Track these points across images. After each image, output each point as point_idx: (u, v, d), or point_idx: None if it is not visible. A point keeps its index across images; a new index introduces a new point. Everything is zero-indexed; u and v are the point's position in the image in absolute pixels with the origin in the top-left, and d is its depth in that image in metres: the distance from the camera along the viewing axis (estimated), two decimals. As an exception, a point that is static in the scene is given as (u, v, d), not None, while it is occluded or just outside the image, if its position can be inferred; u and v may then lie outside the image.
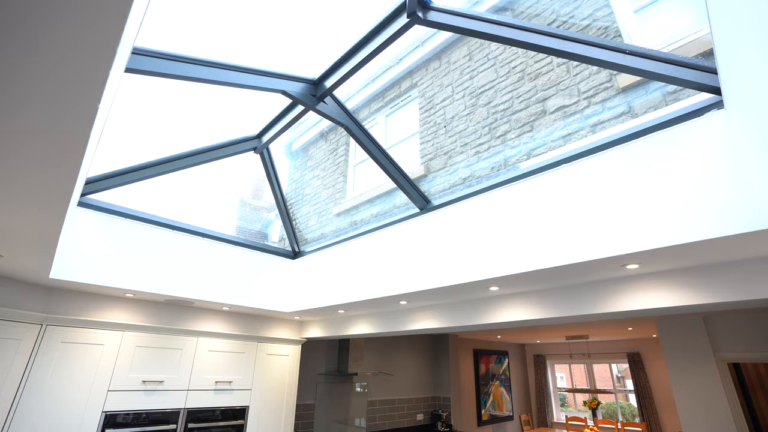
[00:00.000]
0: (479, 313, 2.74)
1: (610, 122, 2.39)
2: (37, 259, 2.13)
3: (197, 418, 3.37)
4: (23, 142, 1.01)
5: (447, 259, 2.39)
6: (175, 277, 3.10)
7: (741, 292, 1.73)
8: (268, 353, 3.97)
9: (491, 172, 2.76)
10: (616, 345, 7.89)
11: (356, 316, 3.80)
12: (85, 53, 0.73)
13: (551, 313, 2.35)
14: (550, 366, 9.01)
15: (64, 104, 0.87)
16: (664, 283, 1.96)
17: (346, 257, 3.24)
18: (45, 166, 1.09)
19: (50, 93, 0.84)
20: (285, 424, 3.92)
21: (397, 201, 3.37)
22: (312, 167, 4.73)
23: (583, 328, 5.98)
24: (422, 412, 6.11)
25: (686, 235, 1.52)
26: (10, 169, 1.14)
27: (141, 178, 2.87)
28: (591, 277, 2.12)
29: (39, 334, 2.78)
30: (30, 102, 0.86)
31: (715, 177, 1.50)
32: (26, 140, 1.01)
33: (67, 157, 1.04)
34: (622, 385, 8.93)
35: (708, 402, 4.02)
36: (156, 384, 3.22)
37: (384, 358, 5.80)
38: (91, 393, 2.91)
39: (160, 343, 3.33)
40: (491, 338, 7.80)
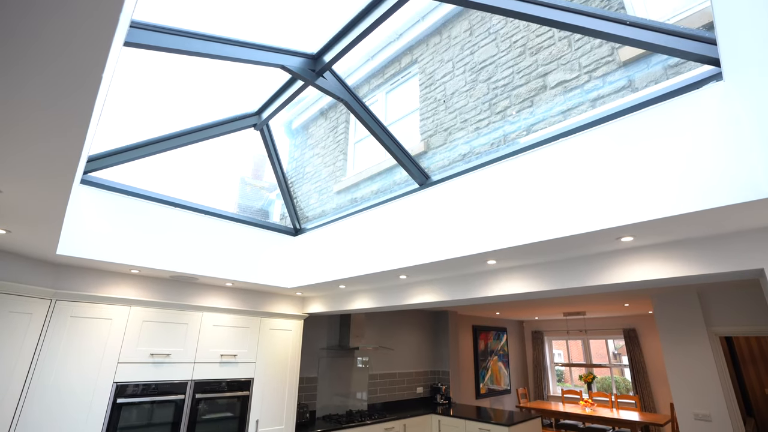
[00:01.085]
0: (477, 286, 2.80)
1: (610, 97, 2.38)
2: (44, 234, 2.18)
3: (204, 389, 3.49)
4: (30, 113, 1.03)
5: (446, 233, 2.44)
6: (178, 253, 3.15)
7: (733, 263, 1.77)
8: (271, 328, 4.08)
9: (491, 148, 2.77)
10: (613, 321, 8.04)
11: (357, 291, 3.88)
12: (88, 22, 0.74)
13: (547, 285, 2.41)
14: (547, 342, 9.21)
15: (69, 75, 0.89)
16: (658, 256, 2.01)
17: (346, 233, 3.28)
18: (50, 136, 1.12)
19: (55, 63, 0.85)
20: (289, 395, 4.06)
21: (397, 178, 3.39)
22: (312, 145, 4.72)
23: (580, 304, 6.08)
24: (422, 385, 6.30)
25: (680, 206, 1.55)
26: (18, 141, 1.16)
27: (142, 155, 2.89)
28: (586, 250, 2.17)
29: (49, 309, 2.86)
30: (36, 72, 0.88)
31: (711, 149, 1.52)
32: (32, 111, 1.03)
33: (73, 127, 1.06)
34: (618, 361, 9.15)
35: (699, 374, 4.14)
36: (163, 357, 3.32)
37: (384, 333, 5.94)
38: (101, 365, 3.01)
39: (166, 318, 3.41)
40: (490, 315, 7.94)
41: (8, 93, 0.95)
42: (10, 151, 1.23)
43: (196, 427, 3.37)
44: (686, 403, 4.16)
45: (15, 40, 0.78)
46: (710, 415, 4.00)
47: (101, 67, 0.82)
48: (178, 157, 3.23)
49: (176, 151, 3.01)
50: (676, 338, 4.37)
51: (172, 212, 3.21)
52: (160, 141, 2.78)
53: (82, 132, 1.10)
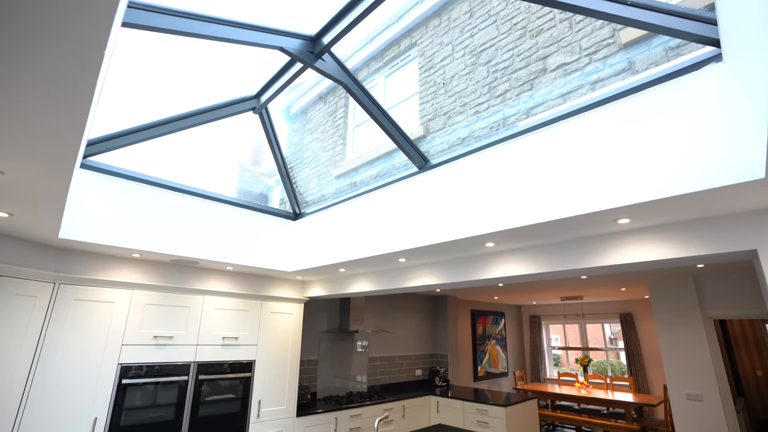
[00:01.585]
0: (476, 269, 2.84)
1: (610, 80, 2.38)
2: (46, 217, 2.19)
3: (207, 371, 3.56)
4: (31, 93, 1.03)
5: (445, 216, 2.46)
6: (179, 237, 3.18)
7: (727, 244, 1.80)
8: (272, 311, 4.13)
9: (490, 132, 2.77)
10: (610, 306, 8.14)
11: (356, 275, 3.93)
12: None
13: (545, 267, 2.44)
14: (545, 326, 9.34)
15: (70, 55, 0.89)
16: (654, 238, 2.03)
17: (346, 217, 3.31)
18: (52, 117, 1.12)
19: (58, 41, 0.86)
20: (290, 377, 4.14)
21: (396, 162, 3.40)
22: (311, 130, 4.71)
23: (577, 289, 6.15)
24: (421, 368, 6.41)
25: (676, 188, 1.57)
26: (19, 121, 1.17)
27: (141, 139, 2.88)
28: (584, 232, 2.19)
29: (53, 292, 2.90)
30: (38, 53, 0.88)
31: (708, 130, 1.53)
32: (34, 91, 1.03)
33: (75, 106, 1.07)
34: (614, 346, 9.29)
35: (692, 356, 4.22)
36: (166, 339, 3.38)
37: (384, 317, 6.02)
38: (106, 346, 3.07)
39: (168, 302, 3.46)
40: (488, 299, 8.03)
41: (10, 74, 0.95)
42: (11, 132, 1.24)
43: (200, 408, 3.45)
44: (679, 383, 4.26)
45: (17, 21, 0.79)
46: (702, 395, 4.09)
47: (103, 45, 0.82)
48: (178, 143, 3.23)
49: (175, 137, 3.01)
50: (670, 321, 4.44)
51: (173, 197, 3.22)
52: (159, 125, 2.77)
53: (84, 112, 1.10)
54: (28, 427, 2.64)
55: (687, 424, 4.14)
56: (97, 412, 2.94)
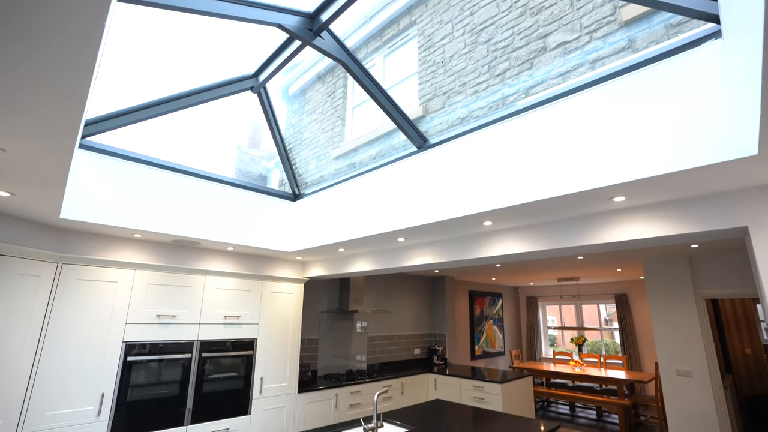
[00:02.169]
0: (474, 248, 2.89)
1: (610, 58, 2.37)
2: (47, 197, 2.21)
3: (210, 349, 3.64)
4: (32, 71, 1.04)
5: (443, 195, 2.48)
6: (180, 218, 3.20)
7: (720, 221, 1.84)
8: (272, 291, 4.20)
9: (489, 111, 2.77)
10: (606, 287, 8.26)
11: (356, 255, 3.98)
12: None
13: (542, 246, 2.48)
14: (541, 307, 9.50)
15: (71, 27, 0.90)
16: (648, 216, 2.07)
17: (345, 197, 3.33)
18: (54, 92, 1.13)
19: (59, 16, 0.86)
20: (291, 355, 4.24)
21: (395, 142, 3.40)
22: (310, 111, 4.68)
23: (574, 269, 6.23)
24: (419, 347, 6.55)
25: (670, 165, 1.59)
26: (20, 98, 1.17)
27: (139, 119, 2.87)
28: (580, 210, 2.22)
29: (56, 272, 2.94)
30: (39, 25, 0.89)
31: (705, 107, 1.54)
32: (33, 66, 1.03)
33: (76, 83, 1.08)
34: (609, 326, 9.47)
35: (684, 334, 4.32)
36: (169, 318, 3.44)
37: (383, 297, 6.11)
38: (110, 325, 3.13)
39: (170, 281, 3.51)
40: (486, 281, 8.14)
41: (11, 52, 0.96)
42: (12, 109, 1.24)
43: (204, 385, 3.55)
44: (670, 360, 4.37)
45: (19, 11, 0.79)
46: (691, 371, 4.21)
47: (104, 14, 0.82)
48: (176, 124, 3.23)
49: (173, 119, 3.00)
50: (664, 300, 4.53)
51: (173, 177, 3.23)
52: (157, 104, 2.76)
53: (85, 87, 1.11)
54: (37, 401, 2.72)
55: (676, 399, 4.27)
56: (104, 387, 3.02)
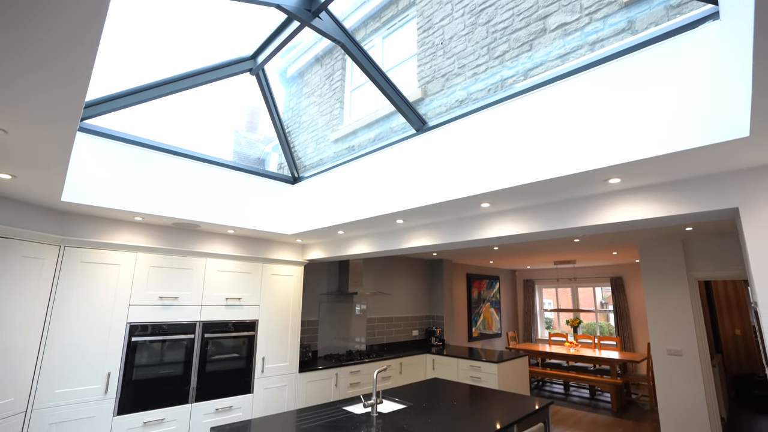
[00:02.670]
0: (471, 230, 2.93)
1: (609, 40, 2.36)
2: (49, 179, 2.22)
3: (212, 330, 3.72)
4: (35, 48, 1.05)
5: (441, 177, 2.51)
6: (180, 201, 3.23)
7: (711, 203, 1.88)
8: (273, 273, 4.25)
9: (487, 94, 2.77)
10: (601, 270, 8.37)
11: (355, 237, 4.02)
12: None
13: (538, 227, 2.52)
14: (538, 290, 9.63)
15: (74, 13, 0.91)
16: (642, 197, 2.10)
17: (344, 180, 3.35)
18: (56, 77, 1.14)
19: (61, 3, 0.87)
20: (292, 336, 4.33)
21: (394, 125, 3.40)
22: (308, 94, 4.65)
23: (570, 252, 6.31)
24: (417, 328, 6.67)
25: (664, 147, 1.62)
26: (23, 78, 1.18)
27: (137, 101, 2.87)
28: (576, 192, 2.26)
29: (59, 255, 2.98)
30: (42, 11, 0.90)
31: (700, 89, 1.56)
32: (38, 46, 1.04)
33: (78, 62, 1.09)
34: (604, 308, 9.63)
35: (676, 315, 4.42)
36: (172, 299, 3.50)
37: (382, 280, 6.19)
38: (114, 306, 3.18)
39: (172, 264, 3.56)
40: (484, 264, 8.23)
41: (15, 38, 0.97)
42: (15, 92, 1.25)
43: (207, 365, 3.63)
44: (661, 340, 4.48)
45: None
46: (681, 351, 4.33)
47: (106, 4, 0.83)
48: (172, 108, 3.21)
49: (170, 102, 2.99)
50: (658, 282, 4.62)
51: (173, 160, 3.24)
52: (155, 87, 2.75)
53: (87, 73, 1.12)
54: (46, 379, 2.79)
55: (666, 377, 4.40)
56: (110, 366, 3.09)
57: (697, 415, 4.17)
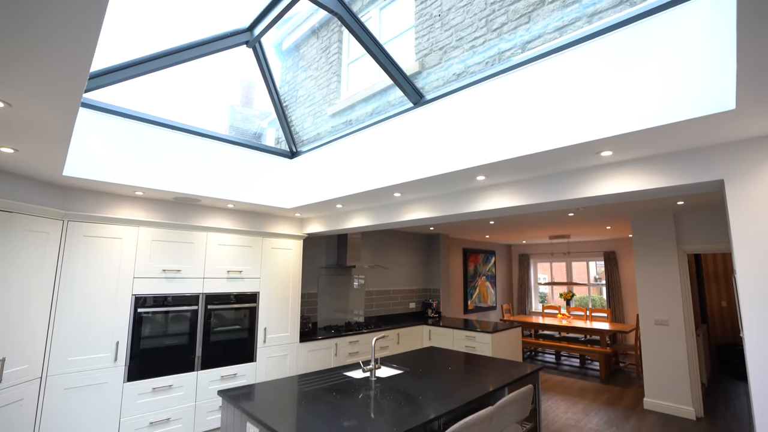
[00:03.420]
0: (467, 202, 2.99)
1: (607, 12, 2.35)
2: (51, 153, 2.25)
3: (215, 301, 3.83)
4: (38, 22, 1.07)
5: (438, 150, 2.55)
6: (180, 175, 3.26)
7: (698, 175, 1.94)
8: (272, 247, 4.34)
9: (485, 67, 2.77)
10: (595, 245, 8.52)
11: (353, 211, 4.09)
12: None
13: (532, 200, 2.59)
14: (533, 264, 9.82)
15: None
16: (633, 170, 2.16)
17: (342, 154, 3.38)
18: (61, 45, 1.17)
19: None
20: (292, 308, 4.46)
21: (392, 98, 3.40)
22: (304, 67, 4.59)
23: (565, 227, 6.42)
24: (414, 301, 6.85)
25: (654, 120, 1.66)
26: (27, 52, 1.21)
27: (132, 75, 2.85)
28: (569, 165, 2.31)
29: (63, 229, 3.03)
30: None
31: (692, 62, 1.59)
32: (39, 22, 1.06)
33: (83, 35, 1.11)
34: (597, 282, 9.86)
35: (664, 286, 4.57)
36: (175, 272, 3.59)
37: (379, 254, 6.31)
38: (119, 278, 3.27)
39: (173, 238, 3.62)
40: (480, 238, 8.35)
41: (21, 5, 0.99)
42: (21, 67, 1.27)
43: (211, 335, 3.76)
44: (649, 310, 4.65)
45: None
46: (668, 320, 4.50)
47: None
48: (167, 83, 3.19)
49: (164, 78, 2.97)
50: (648, 254, 4.74)
51: (172, 135, 3.25)
52: (151, 60, 2.73)
53: (91, 50, 1.15)
54: (58, 347, 2.91)
55: (652, 345, 4.59)
56: (118, 336, 3.21)
57: (680, 381, 4.38)
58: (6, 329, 2.54)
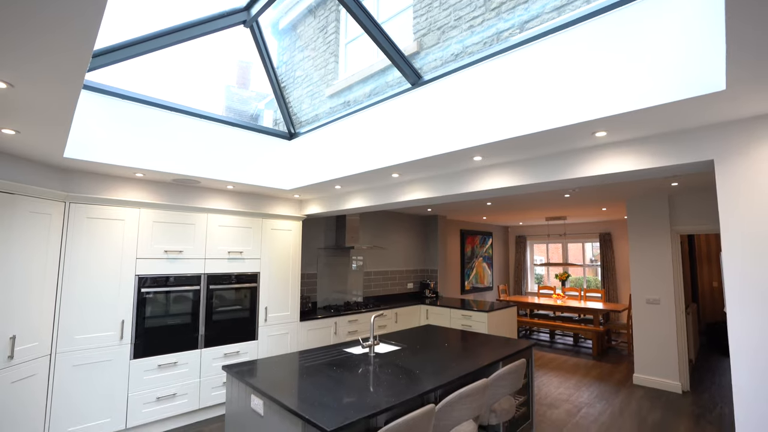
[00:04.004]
0: (464, 183, 3.04)
1: (606, -9, 2.35)
2: (52, 135, 2.27)
3: (216, 282, 3.90)
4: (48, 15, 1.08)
5: (436, 130, 2.58)
6: (179, 157, 3.28)
7: (689, 155, 1.98)
8: (272, 228, 4.40)
9: (483, 47, 2.77)
10: (591, 226, 8.62)
11: (352, 192, 4.13)
12: None
13: (528, 180, 2.64)
14: (529, 246, 9.94)
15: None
16: (627, 150, 2.20)
17: (340, 135, 3.40)
18: (65, 25, 1.18)
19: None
20: (292, 287, 4.55)
21: (390, 79, 3.40)
22: (301, 47, 4.55)
23: (561, 208, 6.48)
24: (412, 281, 6.96)
25: (647, 100, 1.69)
26: (31, 31, 1.22)
27: (128, 56, 2.84)
28: (565, 146, 2.35)
29: (65, 211, 3.07)
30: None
31: (685, 43, 1.61)
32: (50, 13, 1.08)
33: (87, 17, 1.13)
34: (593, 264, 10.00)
35: (657, 267, 4.67)
36: (176, 253, 3.65)
37: (377, 235, 6.38)
38: (122, 260, 3.33)
39: (174, 219, 3.67)
40: (477, 220, 8.43)
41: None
42: (26, 51, 1.29)
43: (213, 314, 3.85)
44: (641, 290, 4.76)
45: None
46: (659, 299, 4.61)
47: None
48: (162, 64, 3.17)
49: (159, 59, 2.94)
50: (642, 235, 4.82)
51: (171, 116, 3.25)
52: (148, 40, 2.71)
53: (97, 21, 1.16)
54: (66, 326, 2.99)
55: (643, 323, 4.73)
56: (123, 315, 3.29)
57: (668, 357, 4.53)
58: (14, 308, 2.60)
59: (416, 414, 1.69)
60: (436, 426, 1.99)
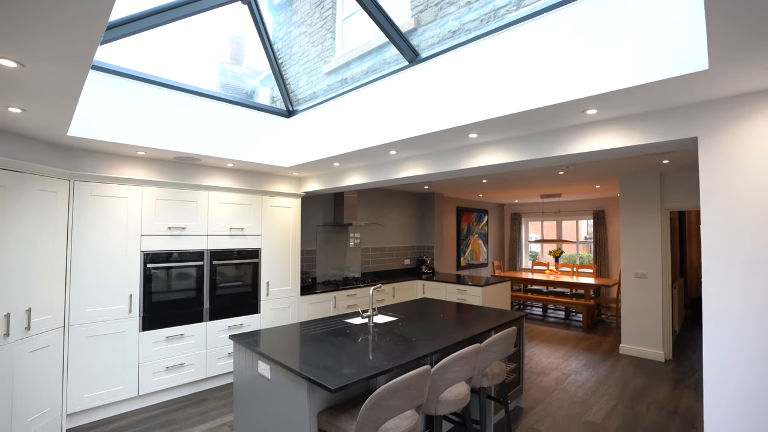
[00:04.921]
0: (460, 159, 3.12)
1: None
2: (58, 114, 2.31)
3: (219, 257, 4.02)
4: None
5: (432, 108, 2.64)
6: (180, 135, 3.33)
7: (674, 133, 2.07)
8: (272, 205, 4.48)
9: (480, 24, 2.80)
10: (585, 204, 8.75)
11: (350, 169, 4.20)
12: None
13: (522, 156, 2.72)
14: (524, 223, 10.09)
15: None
16: (616, 127, 2.29)
17: (338, 113, 3.45)
18: (76, 7, 1.23)
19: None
20: (293, 263, 4.67)
21: (387, 56, 3.42)
22: (298, 23, 4.51)
23: (556, 186, 6.58)
24: (409, 258, 7.12)
25: (634, 79, 1.77)
26: (41, 10, 1.27)
27: (126, 33, 2.84)
28: (557, 123, 2.43)
29: (70, 189, 3.13)
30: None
31: (672, 22, 1.67)
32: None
33: (96, 14, 1.18)
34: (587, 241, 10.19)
35: (646, 243, 4.82)
36: (180, 230, 3.74)
37: (375, 212, 6.49)
38: (128, 236, 3.42)
39: (176, 197, 3.74)
40: (473, 197, 8.53)
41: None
42: (39, 30, 1.33)
43: (217, 289, 3.98)
44: (630, 265, 4.93)
45: None
46: (647, 274, 4.79)
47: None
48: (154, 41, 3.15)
49: (153, 35, 2.94)
50: (633, 211, 4.96)
51: (171, 95, 3.28)
52: (148, 16, 2.72)
53: (105, 15, 1.21)
54: (77, 300, 3.10)
55: (631, 296, 4.92)
56: (131, 290, 3.41)
57: (653, 328, 4.75)
58: (27, 282, 2.71)
59: (414, 373, 1.83)
60: (432, 386, 2.15)
